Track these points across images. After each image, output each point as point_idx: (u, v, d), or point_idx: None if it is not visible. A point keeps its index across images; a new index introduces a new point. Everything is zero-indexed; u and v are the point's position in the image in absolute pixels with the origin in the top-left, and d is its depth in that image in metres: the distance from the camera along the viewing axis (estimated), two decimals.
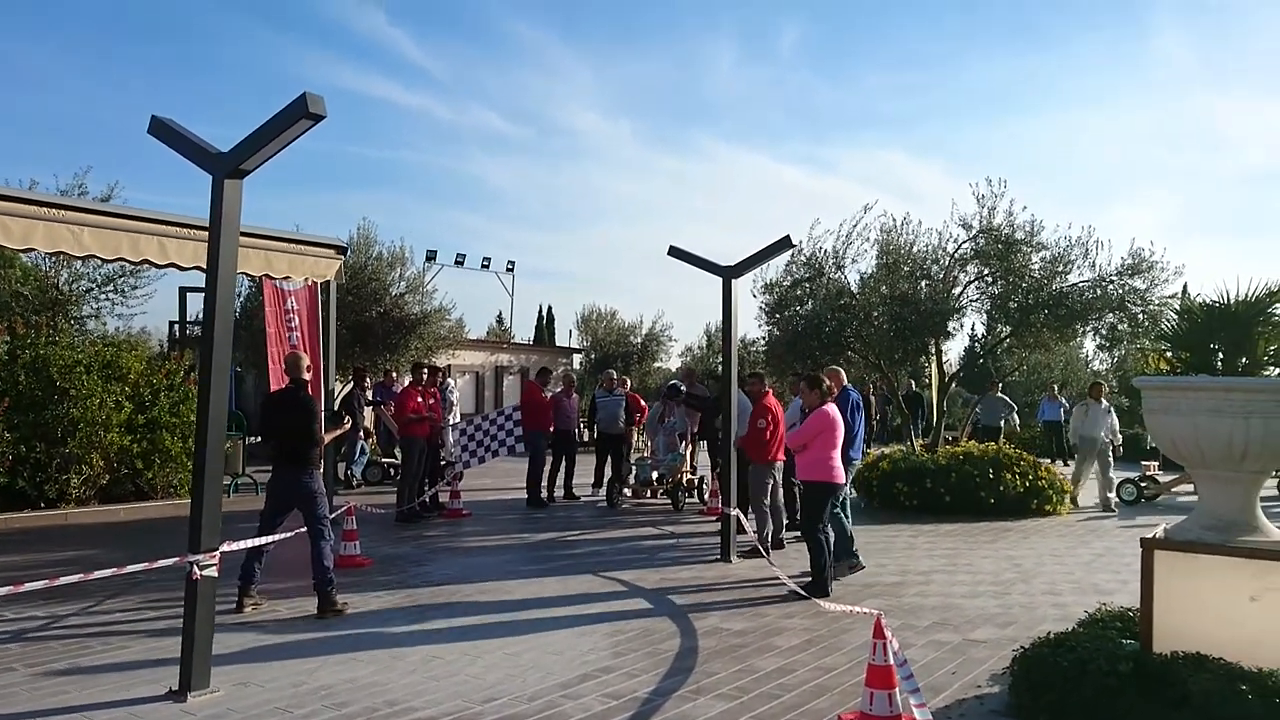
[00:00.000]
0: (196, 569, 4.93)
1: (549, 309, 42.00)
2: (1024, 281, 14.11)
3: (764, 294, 15.55)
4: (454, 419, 13.50)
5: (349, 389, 15.00)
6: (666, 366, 29.54)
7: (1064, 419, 19.28)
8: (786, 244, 8.94)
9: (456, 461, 12.42)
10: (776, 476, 9.34)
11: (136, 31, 72.67)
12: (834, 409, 7.69)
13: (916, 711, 3.84)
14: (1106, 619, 5.00)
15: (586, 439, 18.89)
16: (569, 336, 33.08)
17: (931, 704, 4.60)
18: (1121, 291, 13.77)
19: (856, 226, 14.69)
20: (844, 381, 9.00)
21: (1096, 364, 28.10)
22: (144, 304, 19.26)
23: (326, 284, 10.50)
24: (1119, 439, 13.38)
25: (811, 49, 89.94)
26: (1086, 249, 13.88)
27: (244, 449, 13.78)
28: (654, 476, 12.68)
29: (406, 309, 18.63)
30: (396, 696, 4.87)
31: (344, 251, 10.91)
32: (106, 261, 9.57)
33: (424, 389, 11.69)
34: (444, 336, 19.74)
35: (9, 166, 59.75)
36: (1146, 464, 14.08)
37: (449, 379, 15.86)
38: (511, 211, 74.37)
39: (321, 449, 7.24)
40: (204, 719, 4.57)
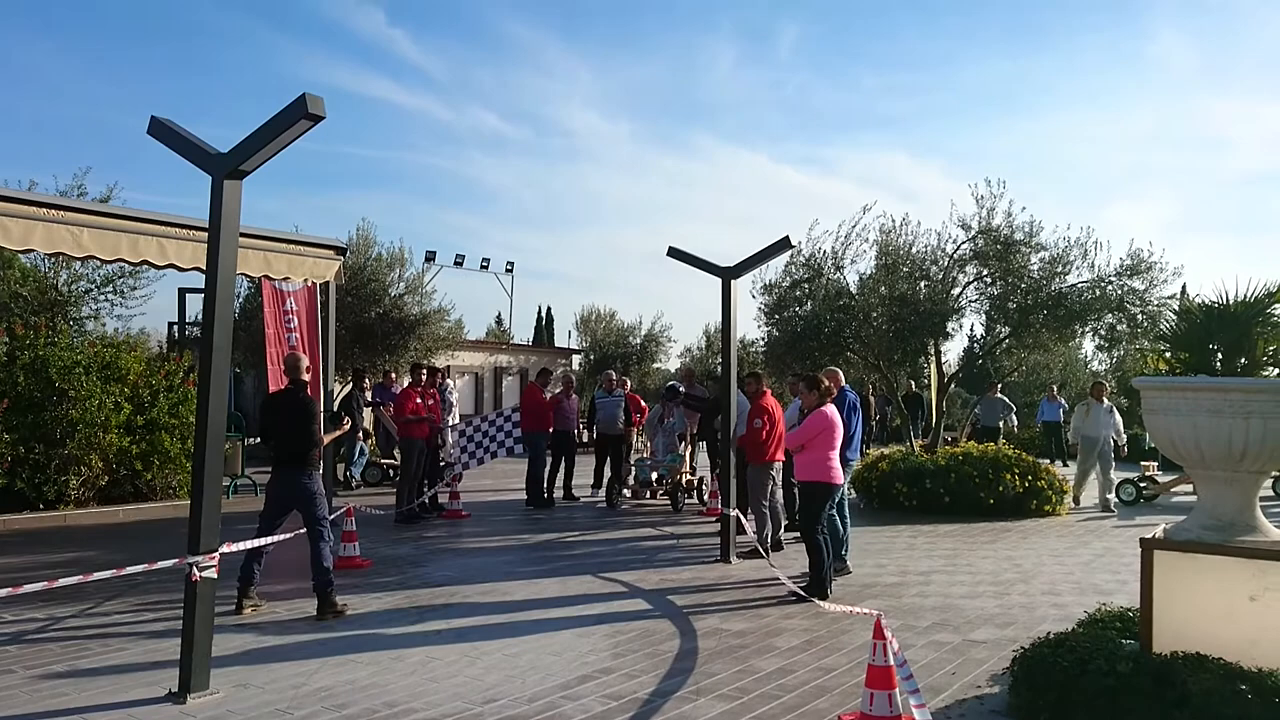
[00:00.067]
0: (196, 570, 4.93)
1: (548, 310, 42.15)
2: (1023, 282, 14.12)
3: (763, 295, 15.59)
4: (453, 420, 13.48)
5: (348, 390, 15.01)
6: (666, 367, 29.55)
7: (1063, 420, 19.31)
8: (786, 245, 8.94)
9: (455, 463, 12.42)
10: (776, 477, 9.34)
11: (136, 32, 72.69)
12: (833, 410, 7.69)
13: (916, 712, 3.84)
14: (1106, 619, 5.01)
15: (586, 440, 18.89)
16: (568, 337, 33.15)
17: (931, 704, 4.61)
18: (1120, 292, 13.79)
19: (855, 227, 14.74)
20: (841, 382, 9.00)
21: (1096, 365, 28.13)
22: (143, 305, 19.32)
23: (326, 285, 10.49)
24: (1123, 438, 13.38)
25: (811, 50, 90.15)
26: (1085, 249, 13.91)
27: (243, 450, 13.77)
28: (653, 477, 12.67)
29: (406, 310, 18.62)
30: (396, 698, 4.87)
31: (343, 252, 10.90)
32: (106, 262, 9.54)
33: (423, 390, 11.69)
34: (443, 337, 19.73)
35: (8, 167, 59.76)
36: (1145, 464, 14.08)
37: (448, 380, 15.85)
38: (510, 212, 74.54)
39: (321, 450, 7.24)
40: None
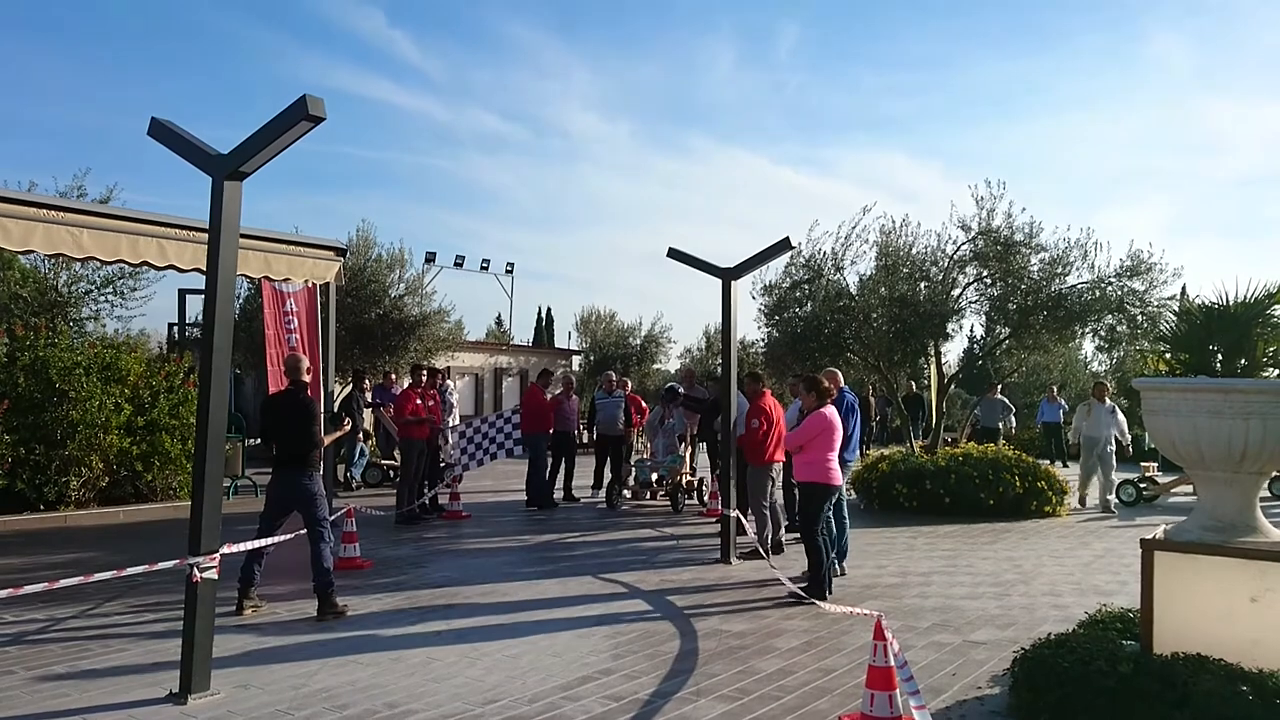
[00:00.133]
0: (196, 571, 4.93)
1: (548, 311, 42.16)
2: (1023, 283, 14.13)
3: (763, 295, 15.60)
4: (453, 421, 13.49)
5: (348, 391, 15.00)
6: (666, 368, 29.54)
7: (1063, 421, 19.31)
8: (786, 246, 8.94)
9: (455, 464, 12.42)
10: (775, 478, 9.33)
11: (137, 33, 72.74)
12: (832, 411, 7.68)
13: (916, 713, 3.83)
14: (1107, 620, 5.01)
15: (586, 441, 18.89)
16: (568, 338, 33.16)
17: (932, 705, 4.61)
18: (1120, 293, 13.80)
19: (855, 228, 14.76)
20: (841, 383, 8.99)
21: (1096, 366, 28.13)
22: (143, 306, 19.30)
23: (326, 286, 10.49)
24: (1128, 438, 13.37)
25: (810, 51, 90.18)
26: (1085, 250, 13.93)
27: (244, 451, 13.77)
28: (653, 478, 12.67)
29: (406, 311, 18.63)
30: (396, 699, 4.87)
31: (343, 253, 10.90)
32: (106, 263, 9.55)
33: (423, 391, 11.69)
34: (443, 338, 19.74)
35: (8, 168, 59.73)
36: (1145, 465, 14.08)
37: (448, 381, 15.86)
38: (510, 213, 74.61)
39: (321, 451, 7.24)
40: None
